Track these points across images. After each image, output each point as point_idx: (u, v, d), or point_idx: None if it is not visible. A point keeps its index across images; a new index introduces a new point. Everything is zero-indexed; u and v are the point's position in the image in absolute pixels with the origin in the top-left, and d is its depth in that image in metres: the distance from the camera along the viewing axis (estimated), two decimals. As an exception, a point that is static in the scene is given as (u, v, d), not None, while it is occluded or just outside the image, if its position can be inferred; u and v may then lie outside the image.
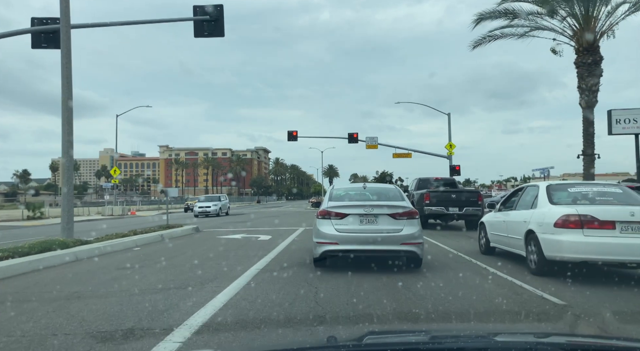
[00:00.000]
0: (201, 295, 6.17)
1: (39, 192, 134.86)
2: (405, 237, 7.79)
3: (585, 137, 21.59)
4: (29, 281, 7.38)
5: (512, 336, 2.68)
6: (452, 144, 46.10)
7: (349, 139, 44.69)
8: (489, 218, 10.68)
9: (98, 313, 5.26)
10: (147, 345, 4.19)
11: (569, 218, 7.16)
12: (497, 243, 9.94)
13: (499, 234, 9.69)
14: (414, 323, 5.03)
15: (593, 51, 20.96)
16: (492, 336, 2.40)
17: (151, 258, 10.00)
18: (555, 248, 7.27)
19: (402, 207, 8.14)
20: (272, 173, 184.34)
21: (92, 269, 8.58)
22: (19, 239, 12.79)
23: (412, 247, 7.82)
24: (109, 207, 40.82)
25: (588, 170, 21.47)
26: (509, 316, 5.39)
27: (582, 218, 7.08)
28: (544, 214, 7.76)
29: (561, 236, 7.17)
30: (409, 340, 2.31)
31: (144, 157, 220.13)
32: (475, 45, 24.22)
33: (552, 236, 7.33)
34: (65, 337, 4.41)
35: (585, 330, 4.90)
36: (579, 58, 21.48)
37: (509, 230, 9.12)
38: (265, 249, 11.20)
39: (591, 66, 20.95)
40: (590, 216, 7.07)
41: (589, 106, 21.32)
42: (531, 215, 8.16)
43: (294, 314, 5.18)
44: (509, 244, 9.17)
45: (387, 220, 7.91)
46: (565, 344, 2.20)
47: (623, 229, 6.98)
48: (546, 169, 36.06)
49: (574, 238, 7.04)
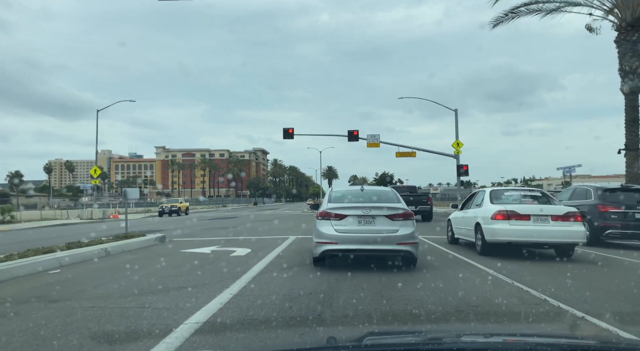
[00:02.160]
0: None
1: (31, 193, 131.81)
2: (401, 237, 8.14)
3: (628, 129, 18.26)
4: None
5: (512, 336, 2.67)
6: (460, 143, 42.91)
7: (349, 137, 41.56)
8: (454, 216, 13.34)
9: None
10: None
11: (500, 212, 10.08)
12: (459, 234, 12.68)
13: (460, 228, 12.49)
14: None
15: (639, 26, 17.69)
16: (493, 337, 2.46)
17: (50, 292, 6.68)
18: (491, 233, 10.16)
19: (398, 208, 8.43)
20: (271, 175, 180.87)
21: None
22: None
23: (407, 247, 8.17)
24: (88, 210, 37.53)
25: (631, 167, 18.13)
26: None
27: (509, 212, 10.01)
28: (485, 210, 10.59)
29: (495, 225, 10.08)
30: (409, 341, 2.32)
31: (142, 159, 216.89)
32: (495, 23, 21.02)
33: (489, 225, 10.21)
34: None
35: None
36: (621, 36, 18.21)
37: (465, 224, 11.84)
38: (233, 273, 7.93)
39: (637, 43, 17.68)
40: (513, 211, 10.01)
41: (633, 92, 18.03)
42: (478, 212, 10.99)
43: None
44: (466, 234, 11.88)
45: (384, 221, 8.24)
46: (565, 345, 2.18)
47: (535, 220, 9.89)
48: (572, 167, 32.75)
49: (503, 226, 9.97)
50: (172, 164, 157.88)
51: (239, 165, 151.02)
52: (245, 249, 11.57)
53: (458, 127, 42.03)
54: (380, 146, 42.74)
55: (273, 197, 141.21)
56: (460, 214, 12.53)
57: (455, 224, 12.96)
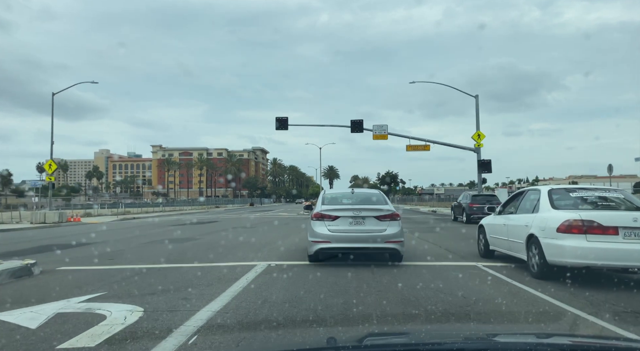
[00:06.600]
0: None
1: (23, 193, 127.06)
2: (388, 236, 8.85)
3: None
4: None
5: (512, 336, 2.61)
6: (481, 134, 36.80)
7: (352, 127, 35.62)
8: (488, 221, 10.57)
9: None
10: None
11: (572, 223, 7.09)
12: (497, 246, 9.92)
13: (499, 238, 9.67)
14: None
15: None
16: (492, 337, 2.40)
17: None
18: (558, 253, 7.23)
19: (386, 210, 9.15)
20: (270, 174, 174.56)
21: None
22: None
23: (394, 245, 8.90)
24: (41, 212, 31.46)
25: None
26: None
27: (586, 223, 7.02)
28: (545, 219, 7.69)
29: (564, 241, 7.11)
30: (409, 341, 2.31)
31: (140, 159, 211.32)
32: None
33: (554, 241, 7.29)
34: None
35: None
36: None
37: (510, 234, 9.07)
38: None
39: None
40: (593, 221, 7.02)
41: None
42: (533, 219, 8.09)
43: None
44: (510, 248, 9.15)
45: (372, 222, 8.97)
46: (565, 345, 2.15)
47: (626, 235, 6.94)
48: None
49: (577, 243, 6.97)
50: (168, 163, 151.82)
51: (237, 164, 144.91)
52: (127, 312, 5.41)
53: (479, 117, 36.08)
54: (387, 139, 36.72)
55: (272, 197, 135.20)
56: (501, 220, 9.71)
57: (491, 232, 10.14)
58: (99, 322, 4.88)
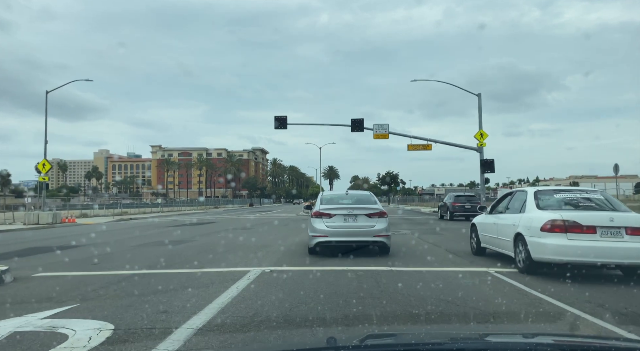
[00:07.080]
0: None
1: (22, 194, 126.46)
2: (376, 231, 10.21)
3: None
4: None
5: (512, 336, 2.58)
6: (484, 133, 35.90)
7: (353, 126, 34.84)
8: (480, 220, 10.89)
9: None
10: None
11: (554, 222, 7.54)
12: (488, 243, 10.35)
13: (490, 236, 10.08)
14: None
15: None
16: (492, 337, 2.36)
17: None
18: (541, 250, 7.65)
19: (375, 209, 10.51)
20: (270, 174, 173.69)
21: None
22: None
23: (381, 238, 10.27)
24: (34, 213, 30.74)
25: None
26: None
27: (567, 223, 7.44)
28: (531, 218, 8.12)
29: (547, 239, 7.53)
30: (409, 342, 2.27)
31: (140, 159, 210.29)
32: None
33: (539, 239, 7.70)
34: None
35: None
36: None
37: (499, 232, 9.47)
38: None
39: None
40: (573, 221, 7.45)
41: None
42: (520, 219, 8.52)
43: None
44: (499, 245, 9.54)
45: (364, 219, 10.28)
46: (565, 345, 2.13)
47: (603, 234, 7.35)
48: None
49: (559, 241, 7.40)
50: (168, 164, 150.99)
51: (237, 165, 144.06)
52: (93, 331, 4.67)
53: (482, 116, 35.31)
54: (388, 138, 36.01)
55: (272, 197, 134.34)
56: (491, 219, 10.15)
57: (482, 231, 10.59)
58: (58, 344, 4.15)
